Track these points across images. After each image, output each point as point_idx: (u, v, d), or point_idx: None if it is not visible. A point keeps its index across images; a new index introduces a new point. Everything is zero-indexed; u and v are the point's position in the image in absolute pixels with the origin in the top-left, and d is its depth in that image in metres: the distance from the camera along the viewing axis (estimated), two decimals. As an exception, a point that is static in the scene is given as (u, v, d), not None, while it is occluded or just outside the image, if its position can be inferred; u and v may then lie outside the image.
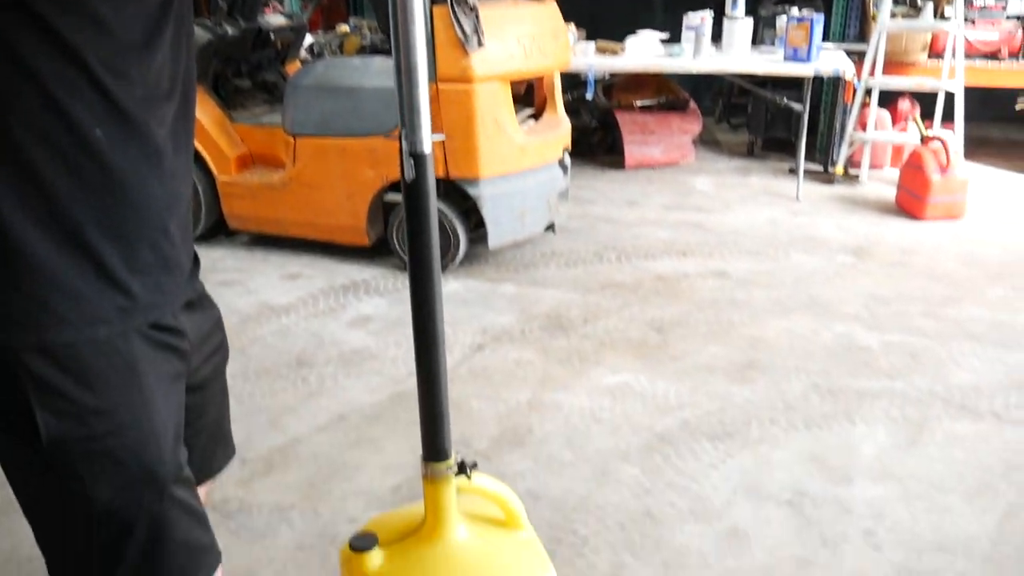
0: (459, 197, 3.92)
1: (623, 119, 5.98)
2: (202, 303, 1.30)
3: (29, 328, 0.99)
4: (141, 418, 1.07)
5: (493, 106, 3.73)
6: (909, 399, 2.90)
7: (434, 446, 1.45)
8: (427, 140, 1.33)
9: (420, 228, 1.37)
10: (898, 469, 2.50)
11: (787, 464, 2.53)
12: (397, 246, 4.09)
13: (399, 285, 3.95)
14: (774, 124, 6.33)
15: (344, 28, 5.85)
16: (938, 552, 2.14)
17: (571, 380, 3.06)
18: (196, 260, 1.28)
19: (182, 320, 1.18)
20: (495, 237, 3.94)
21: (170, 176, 1.09)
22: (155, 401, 1.09)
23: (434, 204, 1.37)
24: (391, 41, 1.31)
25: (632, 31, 5.86)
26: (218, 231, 4.52)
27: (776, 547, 2.16)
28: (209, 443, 1.42)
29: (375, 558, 1.47)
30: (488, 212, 3.87)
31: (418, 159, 1.33)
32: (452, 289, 3.88)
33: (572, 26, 5.55)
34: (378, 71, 3.90)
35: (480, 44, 3.62)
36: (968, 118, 5.57)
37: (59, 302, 0.99)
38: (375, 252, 4.25)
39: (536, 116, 4.36)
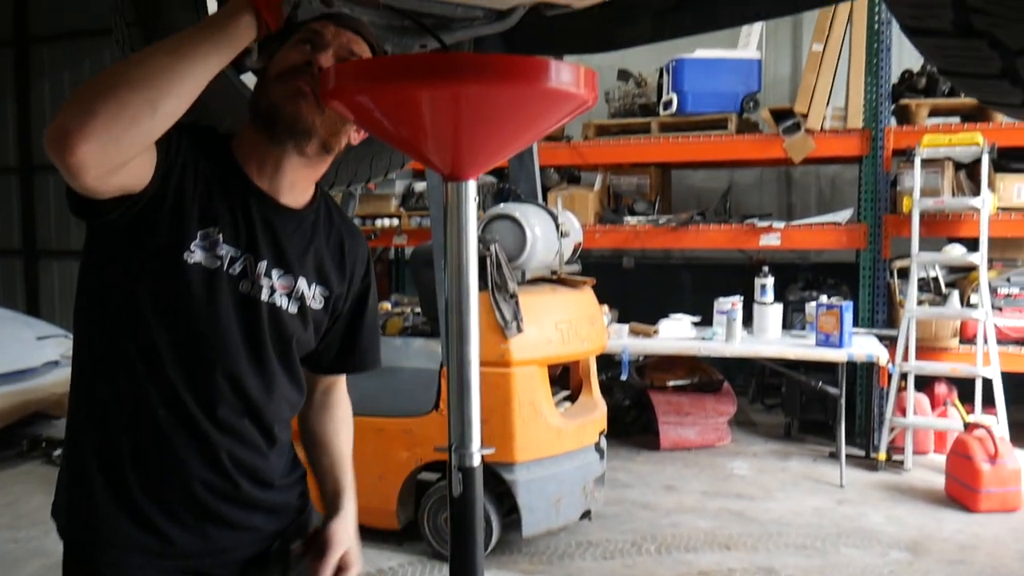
0: (493, 481, 3.82)
1: (657, 400, 5.97)
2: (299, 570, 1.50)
3: (92, 543, 1.40)
4: None
5: (530, 390, 3.75)
6: None
7: None
8: (477, 454, 1.30)
9: (465, 543, 1.30)
10: None
11: None
12: (428, 532, 3.93)
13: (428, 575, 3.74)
14: (810, 406, 6.27)
15: (386, 306, 6.08)
16: None
17: None
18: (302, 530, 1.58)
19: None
20: (529, 525, 3.79)
21: (221, 449, 1.41)
22: None
23: (480, 519, 1.31)
24: (446, 347, 1.34)
25: (663, 312, 6.02)
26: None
27: None
28: None
29: None
30: (523, 498, 3.74)
31: (467, 473, 1.29)
32: (483, 580, 3.66)
33: (605, 307, 5.72)
34: (418, 352, 3.98)
35: (519, 330, 3.71)
36: (1007, 401, 5.49)
37: (107, 529, 1.38)
38: (403, 535, 4.08)
39: (572, 398, 4.36)
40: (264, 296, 1.43)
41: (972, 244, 5.53)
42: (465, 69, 1.09)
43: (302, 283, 1.48)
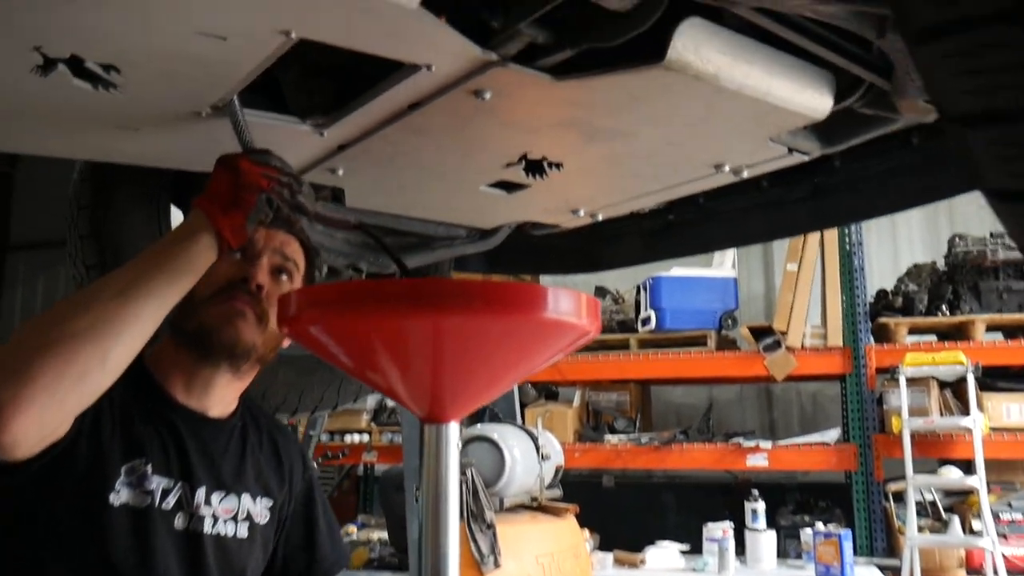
0: None
1: (646, 639, 5.46)
2: None
3: None
4: None
5: (509, 635, 3.36)
6: None
7: None
8: None
9: None
10: None
11: None
12: None
13: None
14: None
15: (351, 529, 5.66)
16: None
17: None
18: None
19: None
20: None
21: None
22: None
23: None
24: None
25: (646, 534, 5.67)
26: None
27: None
28: None
29: None
30: None
31: None
32: None
33: (586, 532, 5.36)
34: (384, 589, 3.61)
35: (497, 564, 3.38)
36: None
37: None
38: None
39: (555, 641, 3.93)
40: (207, 528, 1.23)
41: (965, 465, 5.34)
42: (449, 297, 0.92)
43: (246, 500, 1.30)
